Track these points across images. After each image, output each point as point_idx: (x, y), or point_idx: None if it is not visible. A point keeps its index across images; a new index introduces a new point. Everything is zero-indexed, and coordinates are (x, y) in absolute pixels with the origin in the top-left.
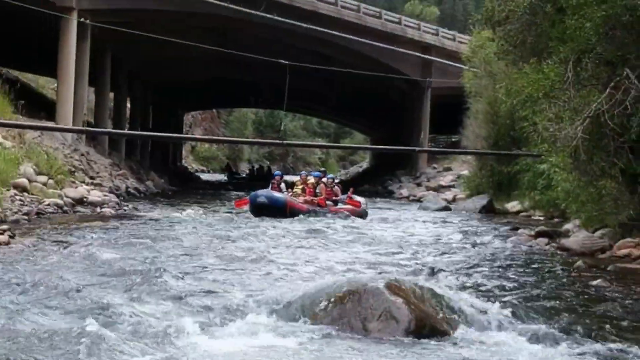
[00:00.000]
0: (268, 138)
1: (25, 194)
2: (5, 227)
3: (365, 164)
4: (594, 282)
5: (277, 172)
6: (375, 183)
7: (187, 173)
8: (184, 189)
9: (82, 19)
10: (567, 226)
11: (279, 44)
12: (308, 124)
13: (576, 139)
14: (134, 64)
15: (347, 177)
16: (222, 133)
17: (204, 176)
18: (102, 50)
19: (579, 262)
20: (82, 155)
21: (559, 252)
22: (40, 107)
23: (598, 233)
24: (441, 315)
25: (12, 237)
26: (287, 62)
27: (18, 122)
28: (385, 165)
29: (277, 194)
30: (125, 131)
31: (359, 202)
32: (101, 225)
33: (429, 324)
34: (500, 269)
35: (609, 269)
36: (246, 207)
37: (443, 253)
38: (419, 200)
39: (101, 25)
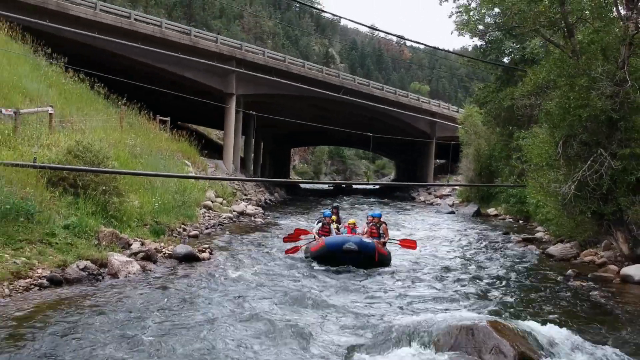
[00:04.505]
0: (336, 161)
1: (210, 211)
2: (206, 245)
3: (392, 176)
4: (594, 293)
5: (327, 212)
6: (402, 191)
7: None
8: (294, 197)
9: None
10: (539, 234)
11: (349, 112)
12: (357, 152)
13: (570, 194)
14: (266, 123)
15: (380, 186)
16: (310, 159)
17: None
18: (249, 115)
19: (569, 271)
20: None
21: (547, 258)
22: (213, 150)
23: (568, 245)
24: (532, 348)
25: (211, 252)
26: (371, 134)
27: (222, 176)
28: (405, 179)
29: (367, 240)
30: (266, 179)
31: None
32: (259, 234)
33: (528, 358)
34: (523, 281)
35: (589, 276)
36: (302, 250)
37: (474, 270)
38: (431, 203)
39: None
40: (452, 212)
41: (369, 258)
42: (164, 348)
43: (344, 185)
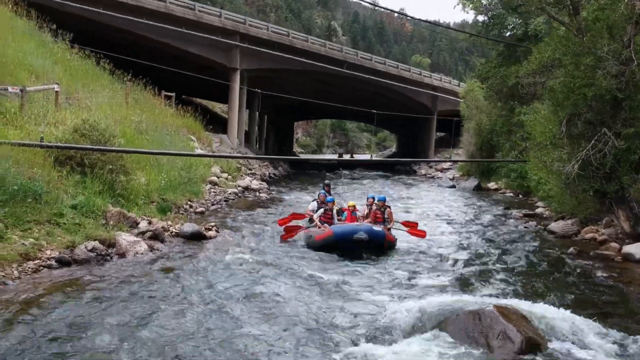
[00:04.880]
0: (338, 133)
1: (216, 186)
2: (212, 223)
3: (393, 149)
4: (597, 272)
5: (330, 198)
6: (404, 165)
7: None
8: (297, 171)
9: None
10: (539, 210)
11: (352, 86)
12: (359, 124)
13: (573, 173)
14: (269, 97)
15: (384, 157)
16: (313, 132)
17: (304, 156)
18: (253, 89)
19: (571, 249)
20: (243, 155)
21: (548, 235)
22: (218, 124)
23: (569, 221)
24: (538, 333)
25: (217, 230)
26: (375, 111)
27: (232, 154)
28: (406, 153)
29: (376, 228)
30: (272, 156)
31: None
32: (264, 211)
33: (534, 343)
34: (526, 260)
35: (591, 254)
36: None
37: (477, 250)
38: (432, 177)
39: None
40: (453, 186)
41: (378, 246)
42: (171, 331)
43: (347, 159)
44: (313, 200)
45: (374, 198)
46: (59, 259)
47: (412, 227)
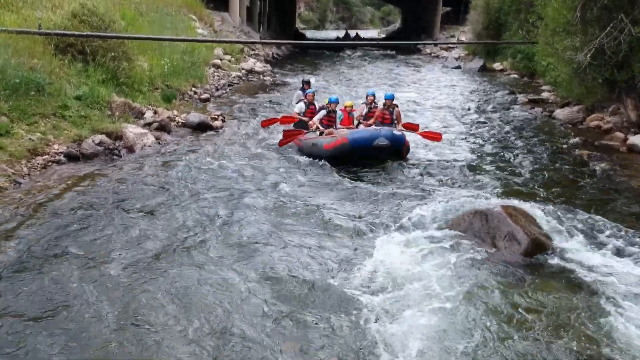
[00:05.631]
0: (341, 8)
1: (220, 69)
2: (218, 112)
3: (397, 24)
4: (602, 165)
5: (334, 97)
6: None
7: (300, 34)
8: (301, 50)
9: None
10: (545, 94)
11: None
12: None
13: (585, 62)
14: None
15: (386, 34)
16: (315, 6)
17: (307, 33)
18: None
19: (577, 139)
20: (245, 34)
21: (554, 123)
22: (219, 1)
23: (574, 108)
24: (544, 233)
25: (223, 120)
26: None
27: (232, 39)
28: (411, 28)
29: (396, 132)
30: (277, 41)
31: None
32: (269, 96)
33: (540, 245)
34: (532, 153)
35: (595, 144)
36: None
37: (483, 143)
38: (437, 56)
39: None
40: (458, 67)
41: (397, 152)
42: (181, 226)
43: (350, 38)
44: (298, 101)
45: (374, 95)
46: (67, 154)
47: (415, 129)
